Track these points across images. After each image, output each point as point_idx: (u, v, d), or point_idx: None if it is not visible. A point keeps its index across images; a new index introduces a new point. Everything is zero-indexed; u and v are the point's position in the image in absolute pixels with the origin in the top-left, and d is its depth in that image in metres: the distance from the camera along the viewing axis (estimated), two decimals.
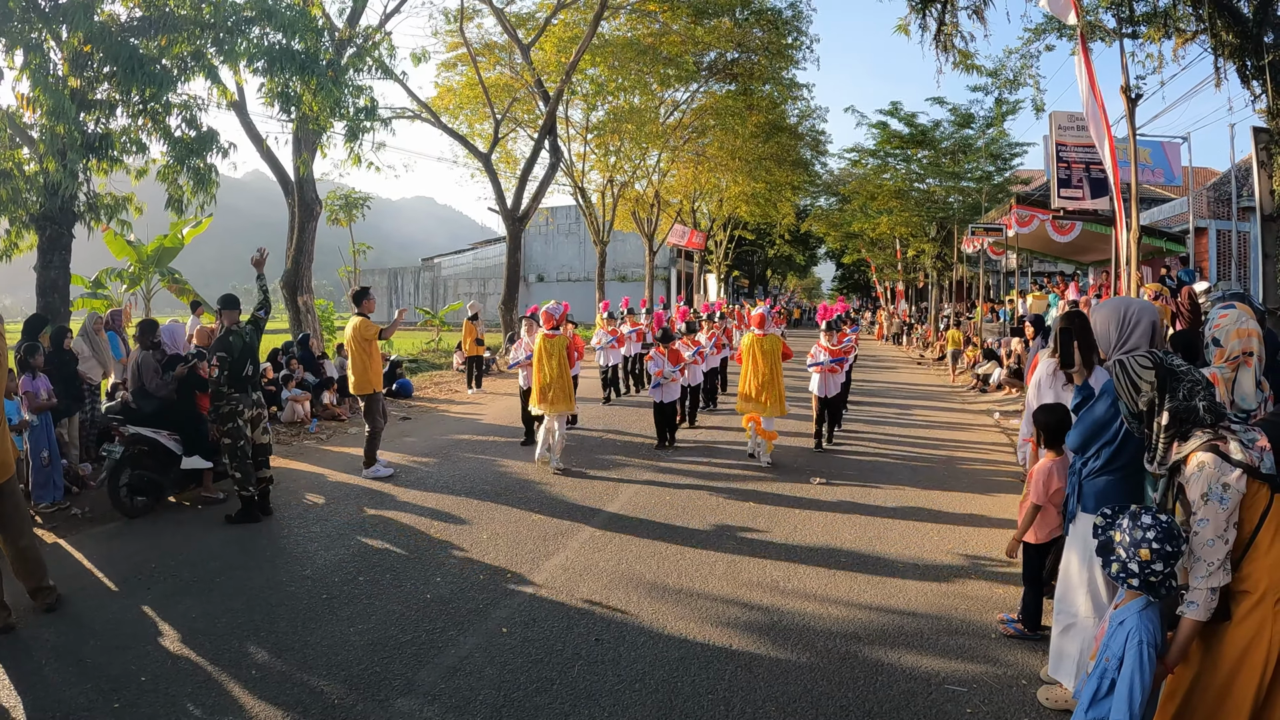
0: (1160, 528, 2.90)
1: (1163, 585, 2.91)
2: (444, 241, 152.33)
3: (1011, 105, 24.14)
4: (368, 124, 12.07)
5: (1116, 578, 3.01)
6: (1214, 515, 2.88)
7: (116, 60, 9.34)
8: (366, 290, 9.98)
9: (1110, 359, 3.99)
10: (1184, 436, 3.03)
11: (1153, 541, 2.88)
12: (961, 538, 7.21)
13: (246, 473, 7.70)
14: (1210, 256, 21.21)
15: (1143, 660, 2.92)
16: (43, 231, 10.54)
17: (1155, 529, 2.90)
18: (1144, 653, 2.93)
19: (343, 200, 23.69)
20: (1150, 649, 2.93)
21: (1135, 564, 2.92)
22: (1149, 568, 2.89)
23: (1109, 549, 3.04)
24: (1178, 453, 3.02)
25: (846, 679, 4.55)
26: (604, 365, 16.12)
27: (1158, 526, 2.90)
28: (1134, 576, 2.93)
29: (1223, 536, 2.88)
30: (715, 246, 48.79)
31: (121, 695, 4.37)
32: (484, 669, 4.67)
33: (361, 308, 9.74)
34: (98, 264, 18.60)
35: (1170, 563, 2.88)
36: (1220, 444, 2.95)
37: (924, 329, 32.83)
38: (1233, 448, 2.93)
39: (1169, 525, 2.91)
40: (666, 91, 28.30)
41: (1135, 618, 2.99)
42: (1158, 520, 2.92)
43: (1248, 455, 2.91)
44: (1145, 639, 2.94)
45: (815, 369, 11.19)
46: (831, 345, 11.33)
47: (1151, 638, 2.95)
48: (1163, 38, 12.52)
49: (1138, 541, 2.92)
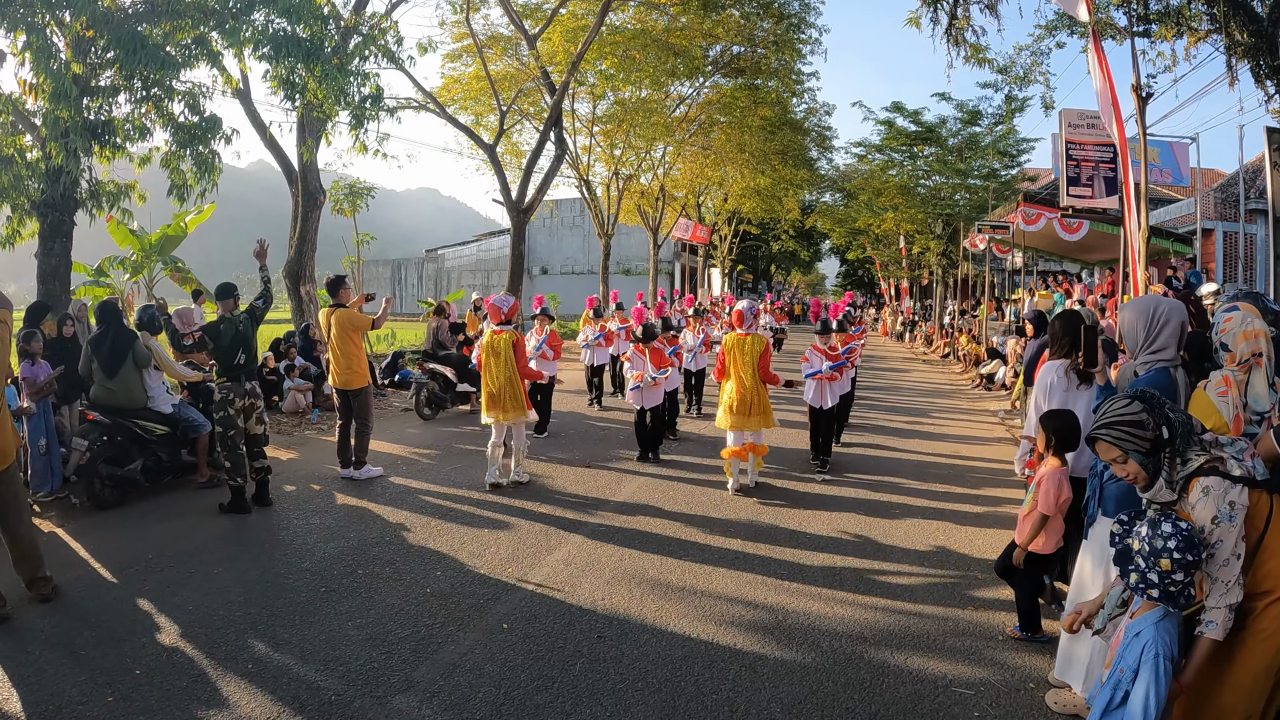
0: (1181, 536, 2.80)
1: (1182, 595, 2.82)
2: (448, 233, 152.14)
3: (1021, 102, 24.07)
4: (373, 111, 11.98)
5: (1135, 588, 2.92)
6: (1227, 535, 2.87)
7: (120, 45, 9.26)
8: (343, 279, 9.48)
9: (1138, 358, 3.92)
10: (1184, 459, 2.98)
11: (1174, 551, 2.79)
12: (968, 538, 7.14)
13: (237, 462, 7.65)
14: (1217, 258, 21.13)
15: (1159, 674, 2.85)
16: (44, 219, 10.49)
17: (1176, 538, 2.80)
18: (1160, 666, 2.85)
19: (347, 190, 23.58)
20: (1167, 662, 2.86)
21: (1155, 574, 2.83)
22: (1169, 578, 2.80)
23: (1127, 558, 2.95)
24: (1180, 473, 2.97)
25: (852, 680, 4.49)
26: (589, 365, 14.49)
27: (1178, 535, 2.81)
28: (1154, 587, 2.84)
29: (1236, 553, 2.87)
30: (720, 241, 48.70)
31: (116, 688, 4.31)
32: (484, 665, 4.61)
33: (338, 297, 9.22)
34: (101, 252, 18.54)
35: (1190, 572, 2.80)
36: (1218, 464, 2.93)
37: (927, 326, 32.75)
38: (1231, 465, 2.94)
39: (1189, 533, 2.82)
40: (674, 85, 28.18)
41: (1152, 629, 2.92)
42: (1178, 528, 2.83)
43: (1243, 468, 2.92)
44: (1162, 652, 2.87)
45: (812, 378, 9.78)
46: (829, 349, 9.94)
47: (1169, 650, 2.87)
48: (1175, 36, 12.44)
49: (1158, 551, 2.83)
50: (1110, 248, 17.92)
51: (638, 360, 10.12)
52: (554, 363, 11.84)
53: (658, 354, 10.16)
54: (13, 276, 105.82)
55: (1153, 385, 3.77)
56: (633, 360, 10.23)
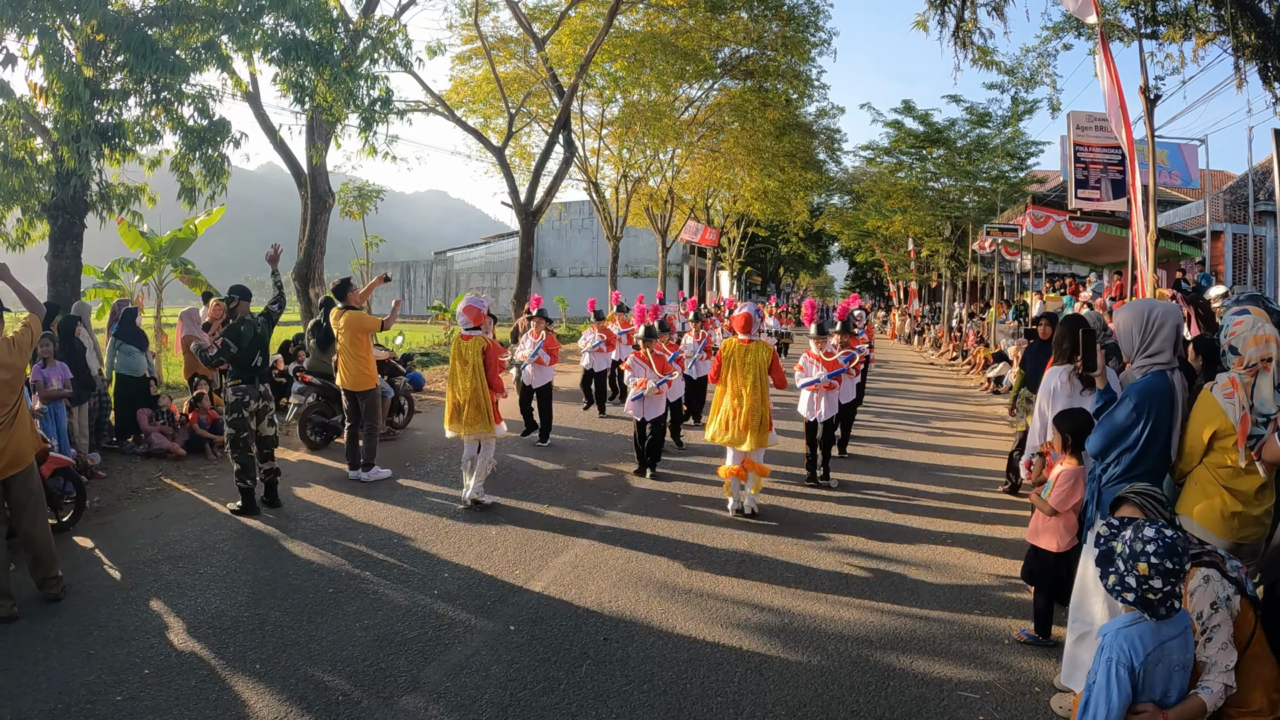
0: (1162, 541, 2.72)
1: (1161, 604, 2.73)
2: (456, 235, 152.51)
3: (1029, 105, 23.99)
4: (382, 114, 12.02)
5: (1112, 590, 2.83)
6: (1224, 621, 2.90)
7: (130, 48, 9.31)
8: (349, 281, 9.62)
9: (1134, 363, 3.92)
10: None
11: (1151, 556, 2.71)
12: (976, 540, 7.13)
13: (246, 464, 7.69)
14: (1226, 260, 21.05)
15: (1110, 679, 2.78)
16: (54, 221, 10.56)
17: (1156, 542, 2.72)
18: (1112, 671, 2.78)
19: (355, 192, 23.69)
20: (1122, 669, 2.76)
21: (1132, 578, 2.74)
22: (1146, 583, 2.72)
23: (1109, 560, 2.85)
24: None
25: (858, 683, 4.49)
26: (588, 368, 13.78)
27: (1160, 540, 2.72)
28: (1130, 591, 2.76)
29: (1231, 641, 2.89)
30: (729, 244, 48.69)
31: (125, 687, 4.34)
32: (490, 667, 4.63)
33: (346, 300, 9.34)
34: (111, 254, 18.62)
35: (1170, 581, 2.71)
36: (1219, 561, 2.99)
37: (936, 329, 32.65)
38: (1228, 566, 3.00)
39: (1172, 540, 2.73)
40: (682, 88, 28.21)
41: (1113, 634, 2.85)
42: (1161, 533, 2.74)
43: (1238, 574, 2.99)
44: (1116, 658, 2.79)
45: (808, 387, 8.91)
46: (825, 355, 9.06)
47: (1124, 658, 2.77)
48: (1183, 38, 12.39)
49: (1136, 554, 2.74)
50: (1119, 250, 17.87)
51: (639, 367, 9.42)
52: (551, 368, 11.41)
53: (661, 359, 9.49)
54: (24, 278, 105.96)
55: (1149, 389, 3.77)
56: (633, 367, 9.52)
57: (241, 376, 7.75)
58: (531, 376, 11.37)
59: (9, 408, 5.42)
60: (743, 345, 7.74)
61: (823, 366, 8.90)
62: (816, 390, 8.85)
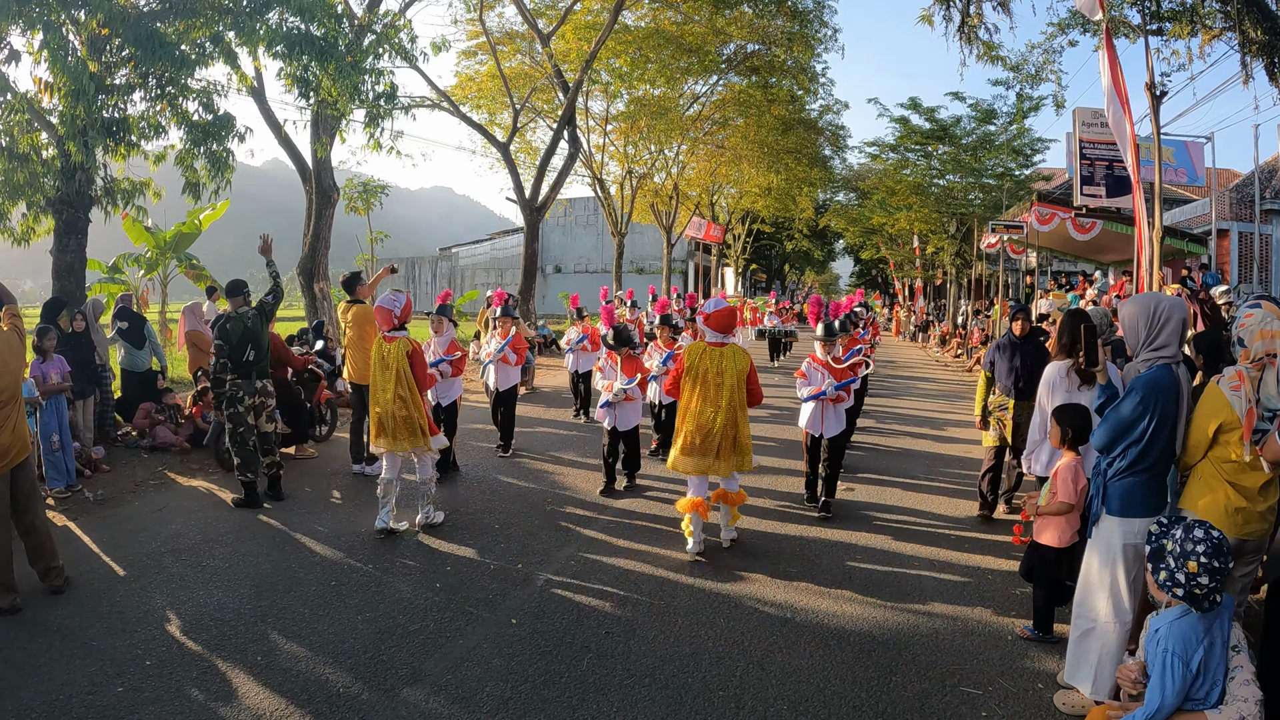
0: (1210, 542, 2.95)
1: (1206, 599, 2.96)
2: (461, 231, 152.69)
3: (1035, 102, 23.95)
4: (387, 109, 12.02)
5: (1163, 585, 3.06)
6: (1246, 663, 3.09)
7: (135, 43, 9.33)
8: (358, 275, 9.73)
9: (1139, 355, 3.91)
10: None
11: (1201, 555, 2.94)
12: (978, 536, 7.12)
13: (247, 458, 7.69)
14: (1232, 259, 21.01)
15: (1167, 669, 2.96)
16: (59, 216, 10.60)
17: (1205, 543, 2.95)
18: (1169, 661, 2.97)
19: (360, 188, 23.67)
20: (1177, 660, 2.96)
21: (1182, 574, 2.97)
22: (1195, 580, 2.95)
23: (1160, 557, 3.09)
24: None
25: (860, 678, 4.48)
26: (573, 371, 12.86)
27: (1208, 541, 2.96)
28: (1179, 586, 2.99)
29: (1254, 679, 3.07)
30: (733, 240, 48.66)
31: (126, 678, 4.35)
32: (491, 660, 4.63)
33: (356, 294, 9.41)
34: (116, 249, 18.69)
35: (1216, 578, 2.93)
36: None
37: (941, 326, 32.63)
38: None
39: (1219, 541, 2.96)
40: (687, 84, 28.19)
41: (1166, 627, 3.04)
42: (1209, 535, 2.97)
43: None
44: (1173, 649, 2.98)
45: (812, 401, 7.62)
46: (833, 361, 7.81)
47: (1181, 650, 2.97)
48: (1189, 34, 12.35)
49: (1187, 553, 2.97)
50: (1124, 248, 17.85)
51: (608, 369, 8.59)
52: (516, 369, 10.34)
53: (630, 361, 8.56)
54: (29, 273, 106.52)
55: (1155, 382, 3.76)
56: (604, 369, 8.71)
57: (236, 371, 7.76)
58: (495, 378, 10.23)
59: (15, 397, 5.43)
60: (714, 350, 6.37)
61: (830, 375, 7.65)
62: (822, 402, 7.62)
